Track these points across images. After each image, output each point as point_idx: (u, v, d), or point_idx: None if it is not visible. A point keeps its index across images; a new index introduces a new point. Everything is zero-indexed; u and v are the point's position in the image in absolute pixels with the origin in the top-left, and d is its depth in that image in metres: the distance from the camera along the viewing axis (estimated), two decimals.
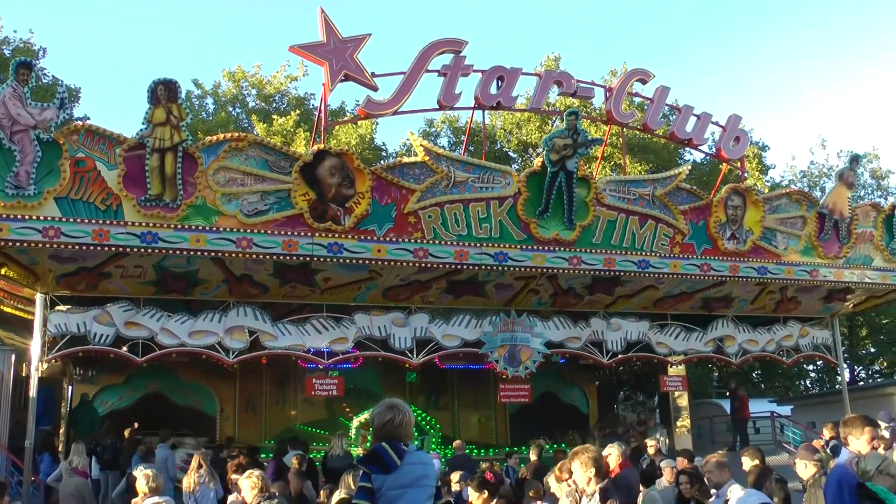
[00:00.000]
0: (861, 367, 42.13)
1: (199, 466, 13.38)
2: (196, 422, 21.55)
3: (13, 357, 18.92)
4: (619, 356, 19.41)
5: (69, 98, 30.48)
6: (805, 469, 8.29)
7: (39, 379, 15.26)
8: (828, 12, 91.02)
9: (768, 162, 37.81)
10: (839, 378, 24.59)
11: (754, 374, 40.48)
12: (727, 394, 29.43)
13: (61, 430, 20.95)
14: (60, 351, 15.33)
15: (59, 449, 18.59)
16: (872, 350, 41.41)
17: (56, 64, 74.39)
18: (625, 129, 20.73)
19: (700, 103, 51.87)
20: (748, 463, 10.21)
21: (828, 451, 16.17)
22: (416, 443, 19.51)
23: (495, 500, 8.72)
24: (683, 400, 25.55)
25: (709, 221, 18.00)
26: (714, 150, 20.07)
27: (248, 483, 9.22)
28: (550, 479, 7.79)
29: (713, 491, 8.90)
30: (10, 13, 63.03)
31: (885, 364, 41.10)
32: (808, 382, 43.82)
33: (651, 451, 17.03)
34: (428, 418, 22.02)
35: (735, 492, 8.27)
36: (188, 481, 12.98)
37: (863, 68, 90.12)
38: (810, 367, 41.24)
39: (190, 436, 19.43)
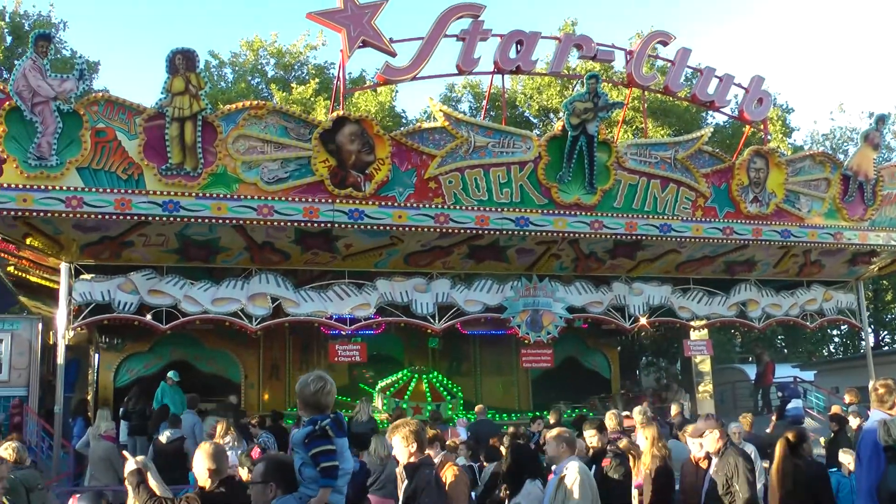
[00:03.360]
0: (886, 332, 41.86)
1: (226, 432, 13.53)
2: (221, 388, 21.72)
3: (40, 326, 19.13)
4: (642, 321, 19.38)
5: (88, 70, 30.56)
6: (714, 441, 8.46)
7: (66, 347, 15.42)
8: None
9: (792, 125, 37.49)
10: (863, 343, 24.43)
11: (778, 339, 40.36)
12: (750, 359, 29.39)
13: (89, 397, 21.25)
14: (85, 319, 15.43)
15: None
16: None
17: (76, 38, 74.58)
18: (646, 92, 20.57)
19: (723, 66, 51.51)
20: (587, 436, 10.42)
21: (849, 415, 16.22)
22: (449, 406, 19.69)
23: None
24: (706, 365, 25.52)
25: (731, 184, 17.87)
26: (737, 112, 19.89)
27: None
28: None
29: (553, 466, 8.61)
30: None
31: None
32: (831, 347, 43.64)
33: (674, 416, 17.13)
34: (450, 384, 22.10)
35: (571, 468, 8.17)
36: None
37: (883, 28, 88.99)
38: (834, 332, 41.08)
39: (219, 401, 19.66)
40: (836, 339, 42.94)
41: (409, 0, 76.39)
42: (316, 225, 14.94)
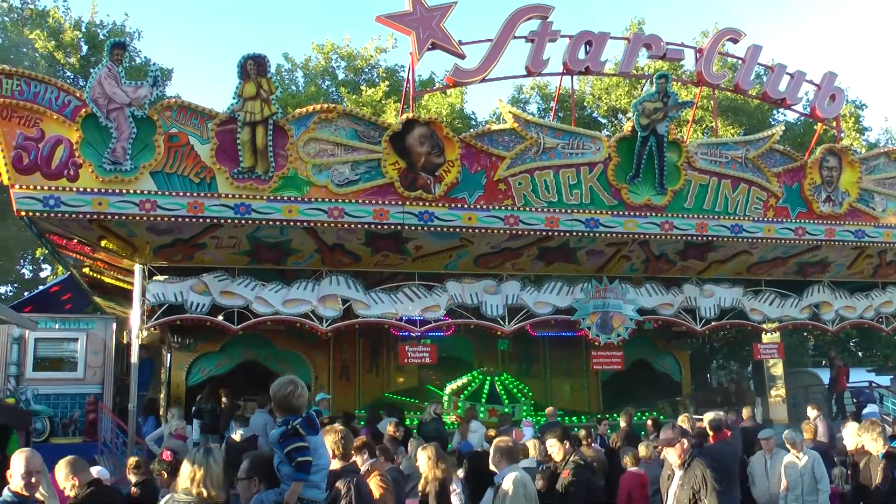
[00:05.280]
0: None
1: None
2: None
3: (114, 325, 19.45)
4: (713, 323, 19.12)
5: (161, 78, 31.17)
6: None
7: (140, 346, 15.67)
8: None
9: (866, 123, 36.84)
10: None
11: (852, 343, 39.60)
12: (823, 363, 28.84)
13: (161, 395, 21.59)
14: (158, 319, 15.66)
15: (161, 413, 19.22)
16: None
17: (150, 47, 76.10)
18: (716, 91, 20.37)
19: (794, 62, 50.70)
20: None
21: None
22: (507, 409, 19.67)
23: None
24: (778, 369, 25.11)
25: (803, 184, 17.62)
26: (808, 109, 19.62)
27: None
28: None
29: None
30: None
31: None
32: None
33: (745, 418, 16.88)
34: (520, 386, 22.03)
35: (507, 479, 8.17)
36: None
37: None
38: None
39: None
40: None
41: (478, 2, 76.63)
42: (386, 227, 15.05)
